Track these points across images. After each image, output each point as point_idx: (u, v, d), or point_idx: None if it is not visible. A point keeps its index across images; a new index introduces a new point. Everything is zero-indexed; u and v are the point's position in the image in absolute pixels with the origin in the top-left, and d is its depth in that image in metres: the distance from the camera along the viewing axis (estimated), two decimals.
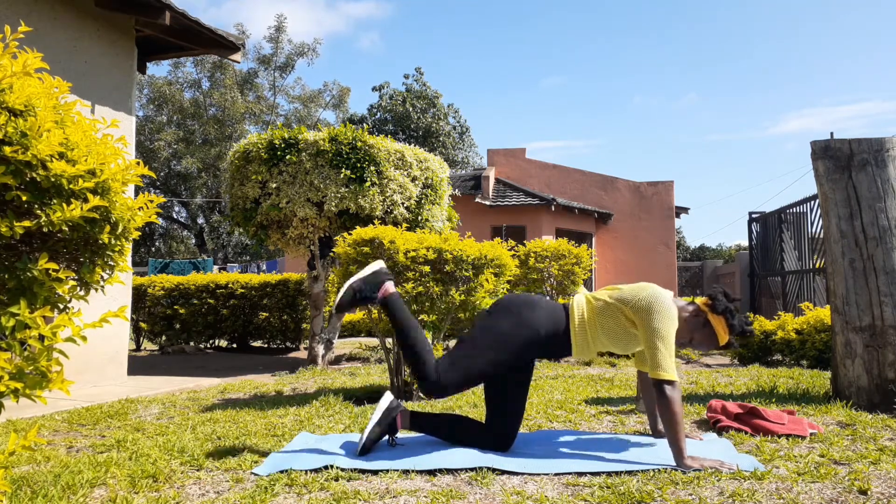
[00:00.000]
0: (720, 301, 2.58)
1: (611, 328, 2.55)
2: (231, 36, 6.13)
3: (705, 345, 2.64)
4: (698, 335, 2.61)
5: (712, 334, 2.59)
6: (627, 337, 2.55)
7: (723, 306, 2.57)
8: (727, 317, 2.56)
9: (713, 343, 2.61)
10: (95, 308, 4.48)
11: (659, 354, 2.42)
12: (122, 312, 1.70)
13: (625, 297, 2.55)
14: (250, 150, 6.40)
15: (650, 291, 2.54)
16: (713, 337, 2.60)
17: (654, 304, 2.48)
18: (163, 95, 30.78)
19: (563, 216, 15.43)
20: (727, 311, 2.56)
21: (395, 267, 3.92)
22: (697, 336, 2.61)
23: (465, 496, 2.09)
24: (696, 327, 2.61)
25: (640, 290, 2.56)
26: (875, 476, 2.20)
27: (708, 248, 41.77)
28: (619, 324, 2.54)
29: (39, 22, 4.92)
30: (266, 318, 9.08)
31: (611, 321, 2.55)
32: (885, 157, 3.50)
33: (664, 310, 2.48)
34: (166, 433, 3.12)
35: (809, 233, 8.86)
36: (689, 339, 2.63)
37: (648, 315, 2.47)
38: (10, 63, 1.72)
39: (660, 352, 2.42)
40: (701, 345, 2.64)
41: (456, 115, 31.84)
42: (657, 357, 2.42)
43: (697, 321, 2.61)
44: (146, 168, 2.00)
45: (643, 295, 2.53)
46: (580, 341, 2.59)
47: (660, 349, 2.42)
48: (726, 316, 2.56)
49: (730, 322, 2.57)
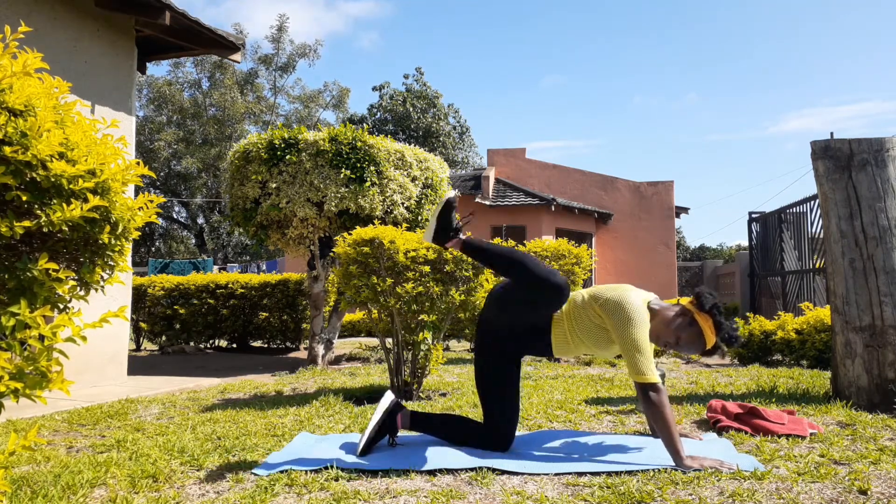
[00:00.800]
0: (707, 298, 2.50)
1: (583, 323, 2.56)
2: (231, 36, 6.13)
3: (692, 346, 2.53)
4: (685, 335, 2.51)
5: (699, 334, 2.49)
6: (600, 333, 2.54)
7: (710, 303, 2.49)
8: (714, 314, 2.48)
9: (700, 344, 2.51)
10: (95, 308, 4.47)
11: (636, 359, 2.39)
12: (122, 312, 1.70)
13: (596, 294, 2.57)
14: (250, 150, 6.39)
15: (619, 292, 2.52)
16: (700, 337, 2.50)
17: (622, 305, 2.46)
18: (163, 95, 30.79)
19: (563, 216, 15.43)
20: (714, 307, 2.49)
21: (395, 267, 3.92)
22: (684, 336, 2.51)
23: (465, 496, 2.09)
24: (681, 327, 2.51)
25: (612, 289, 2.55)
26: (875, 476, 2.20)
27: (708, 248, 41.78)
28: (590, 319, 2.55)
29: (39, 22, 4.92)
30: (266, 318, 9.08)
31: (583, 314, 2.56)
32: (885, 157, 3.50)
33: (631, 312, 2.44)
34: (166, 433, 3.12)
35: (809, 233, 8.86)
36: (675, 340, 2.52)
37: (615, 317, 2.45)
38: (10, 63, 1.72)
39: (635, 357, 2.39)
40: (688, 346, 2.53)
41: (456, 115, 31.84)
42: (635, 362, 2.39)
43: (683, 321, 2.52)
44: (146, 168, 2.00)
45: (611, 294, 2.52)
46: (558, 333, 2.60)
47: (635, 354, 2.39)
48: (713, 314, 2.48)
49: (717, 320, 2.48)
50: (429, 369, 4.22)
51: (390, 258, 3.91)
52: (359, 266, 4.00)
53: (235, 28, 32.09)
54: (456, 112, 31.87)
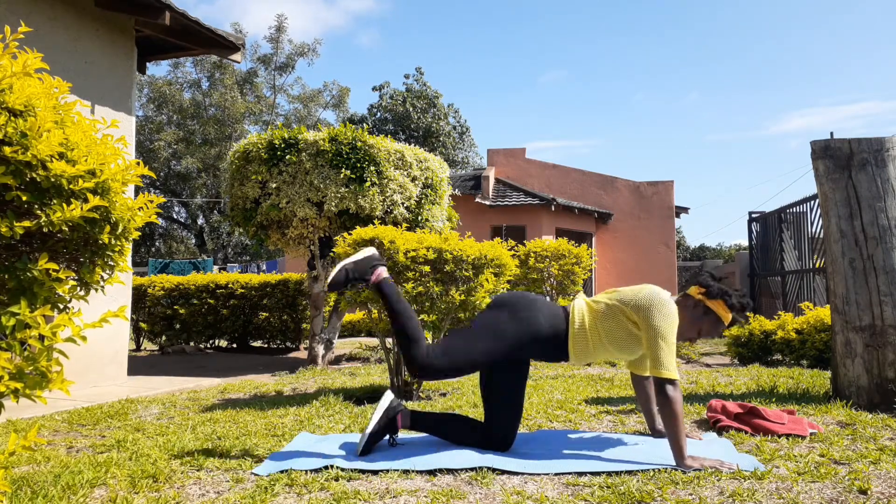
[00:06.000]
0: (713, 286, 2.62)
1: (613, 331, 2.55)
2: (231, 36, 6.13)
3: (714, 332, 2.68)
4: (705, 325, 2.64)
5: (717, 319, 2.63)
6: (630, 339, 2.55)
7: (717, 289, 2.61)
8: (724, 298, 2.61)
9: (720, 326, 2.65)
10: (95, 308, 4.48)
11: (661, 352, 2.43)
12: (122, 312, 1.70)
13: (624, 298, 2.56)
14: (250, 150, 6.40)
15: (649, 290, 2.56)
16: (718, 321, 2.63)
17: (655, 302, 2.50)
18: (162, 95, 30.79)
19: (562, 216, 15.43)
20: (721, 292, 2.61)
21: (395, 267, 3.92)
22: (705, 326, 2.65)
23: (465, 496, 2.09)
24: (699, 318, 2.64)
25: (640, 290, 2.58)
26: (875, 476, 2.20)
27: (708, 248, 41.78)
28: (620, 325, 2.55)
29: (39, 22, 4.92)
30: (266, 318, 9.08)
31: (613, 323, 2.56)
32: (885, 157, 3.50)
33: (665, 308, 2.49)
34: (166, 433, 3.12)
35: (809, 233, 8.86)
36: (696, 332, 2.66)
37: (649, 313, 2.48)
38: (10, 63, 1.72)
39: (662, 350, 2.43)
40: (710, 333, 2.67)
41: (456, 115, 31.85)
42: (659, 355, 2.42)
43: (698, 311, 2.64)
44: (146, 168, 2.00)
45: (643, 294, 2.54)
46: (579, 347, 2.58)
47: (662, 347, 2.43)
48: (724, 297, 2.61)
49: (728, 302, 2.61)
50: None
51: (390, 258, 3.91)
52: None
53: (234, 27, 32.12)
54: (456, 112, 31.88)
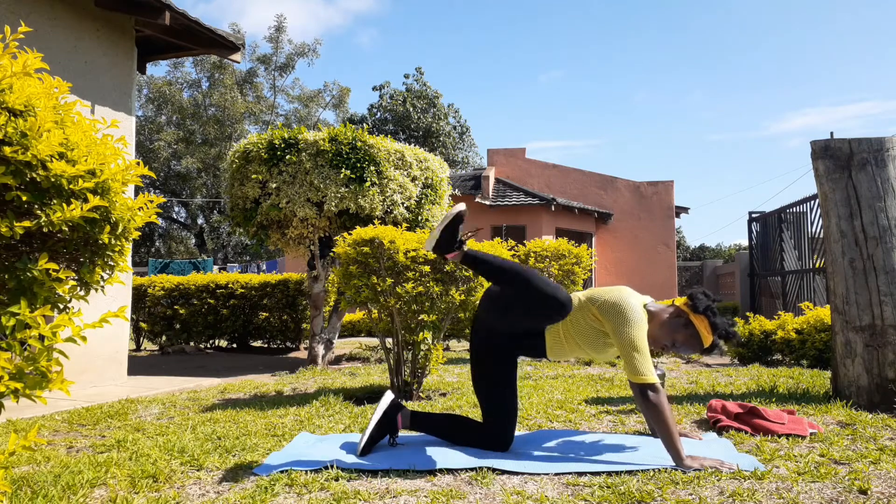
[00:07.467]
0: (700, 300, 2.52)
1: (580, 325, 2.55)
2: (231, 36, 6.13)
3: (689, 347, 2.55)
4: (681, 336, 2.54)
5: (695, 335, 2.52)
6: (596, 336, 2.52)
7: (703, 305, 2.50)
8: (709, 315, 2.50)
9: (697, 344, 2.53)
10: (95, 308, 4.48)
11: (634, 359, 2.38)
12: (122, 312, 1.70)
13: (593, 296, 2.55)
14: (250, 150, 6.39)
15: (617, 294, 2.52)
16: (696, 338, 2.52)
17: (619, 307, 2.46)
18: (162, 95, 30.79)
19: (562, 216, 15.43)
20: (708, 309, 2.50)
21: (395, 267, 3.92)
22: (680, 338, 2.54)
23: (465, 496, 2.09)
24: (677, 329, 2.54)
25: (609, 291, 2.55)
26: (875, 476, 2.20)
27: (708, 248, 41.76)
28: (587, 321, 2.53)
29: (39, 22, 4.92)
30: (266, 318, 9.08)
31: (580, 318, 2.55)
32: (885, 157, 3.50)
33: (629, 313, 2.44)
34: (166, 433, 3.12)
35: (809, 232, 8.86)
36: (671, 342, 2.55)
37: (614, 320, 2.44)
38: (10, 63, 1.72)
39: (634, 357, 2.38)
40: (684, 347, 2.55)
41: (456, 115, 31.83)
42: (633, 362, 2.38)
43: (678, 322, 2.54)
44: (146, 168, 2.00)
45: (609, 297, 2.51)
46: (552, 336, 2.59)
47: (633, 354, 2.39)
48: (708, 315, 2.50)
49: (712, 321, 2.49)
50: (429, 369, 4.22)
51: (390, 258, 3.91)
52: (359, 266, 4.00)
53: (232, 27, 32.10)
54: (456, 112, 31.87)
